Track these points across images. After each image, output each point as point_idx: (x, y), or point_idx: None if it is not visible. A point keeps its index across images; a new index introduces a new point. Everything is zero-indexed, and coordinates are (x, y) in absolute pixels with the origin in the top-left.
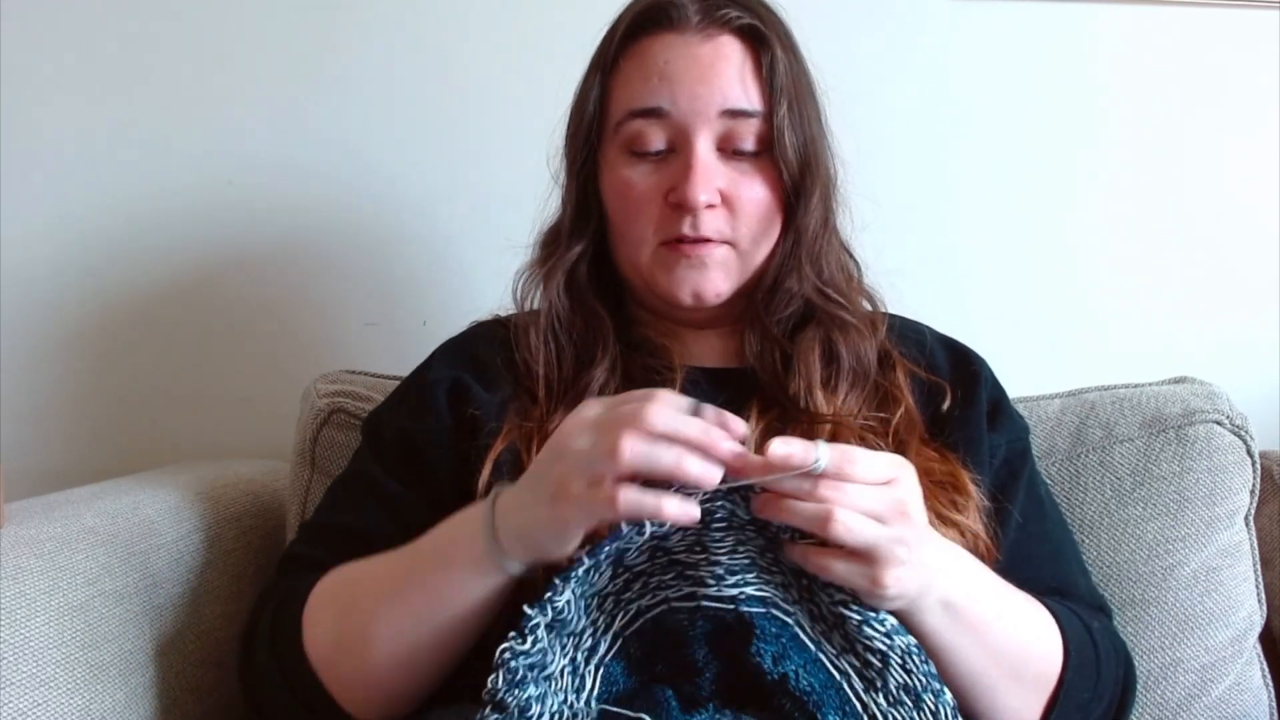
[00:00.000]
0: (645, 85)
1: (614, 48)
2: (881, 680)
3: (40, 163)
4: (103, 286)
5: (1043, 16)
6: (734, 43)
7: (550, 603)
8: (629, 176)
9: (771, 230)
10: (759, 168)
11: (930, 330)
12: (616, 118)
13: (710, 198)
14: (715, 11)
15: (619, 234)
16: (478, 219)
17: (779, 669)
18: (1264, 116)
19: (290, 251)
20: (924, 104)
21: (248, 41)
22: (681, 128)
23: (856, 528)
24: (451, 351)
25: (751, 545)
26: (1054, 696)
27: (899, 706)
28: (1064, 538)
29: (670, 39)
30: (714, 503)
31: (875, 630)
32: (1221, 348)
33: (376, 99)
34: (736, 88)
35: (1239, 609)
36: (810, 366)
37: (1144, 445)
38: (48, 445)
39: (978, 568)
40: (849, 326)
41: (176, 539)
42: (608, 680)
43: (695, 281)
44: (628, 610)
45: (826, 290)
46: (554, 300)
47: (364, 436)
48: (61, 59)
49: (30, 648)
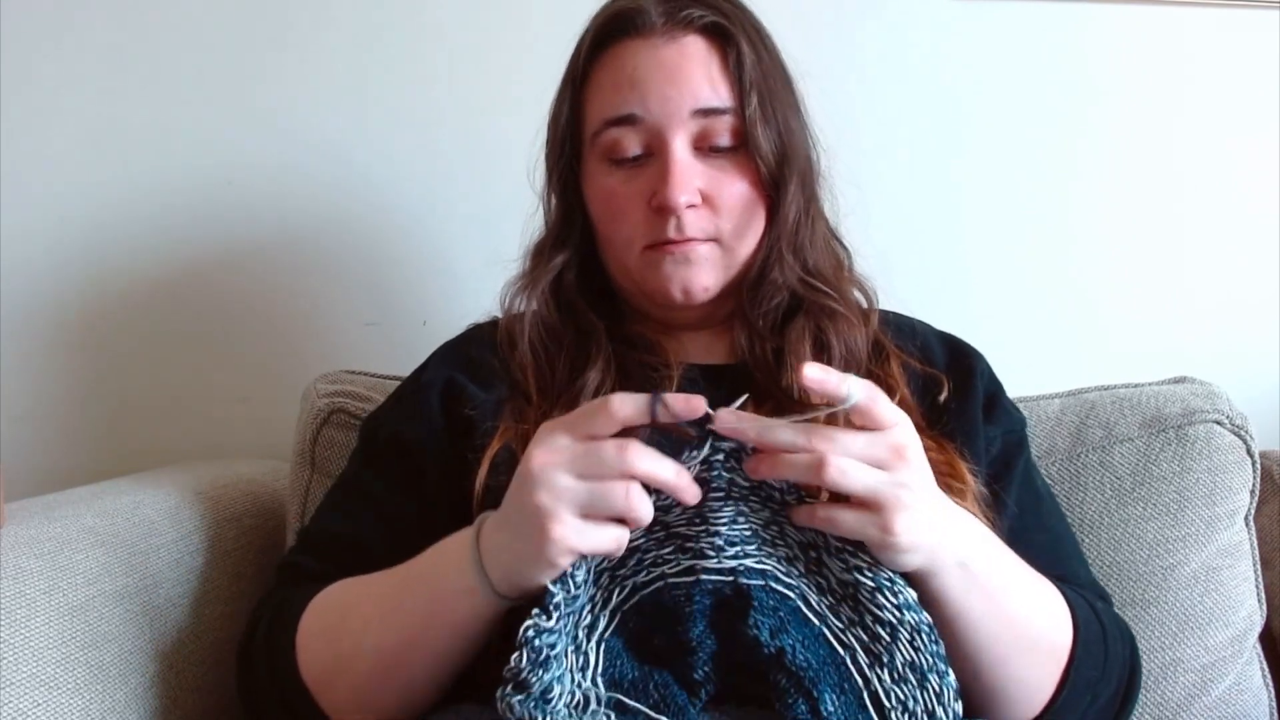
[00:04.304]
0: (616, 94)
1: (583, 59)
2: (888, 655)
3: (40, 163)
4: (103, 287)
5: (1043, 16)
6: (699, 42)
7: (571, 576)
8: (610, 184)
9: (755, 223)
10: (737, 163)
11: (927, 326)
12: (593, 128)
13: (691, 198)
14: (678, 13)
15: (606, 241)
16: (478, 219)
17: (776, 642)
18: (1264, 116)
19: (290, 252)
20: (925, 103)
21: (248, 42)
22: (656, 132)
23: (852, 472)
24: (447, 353)
25: (755, 517)
26: (1064, 672)
27: (903, 684)
28: (1062, 529)
29: (636, 45)
30: (711, 470)
31: (887, 600)
32: (1221, 347)
33: (377, 100)
34: (705, 87)
35: (1239, 609)
36: (801, 358)
37: (1144, 445)
38: (48, 445)
39: (989, 533)
40: (838, 315)
41: (176, 539)
42: (610, 655)
43: (683, 278)
44: (624, 586)
45: (812, 280)
46: (541, 309)
47: (360, 440)
48: (61, 59)
49: (30, 648)
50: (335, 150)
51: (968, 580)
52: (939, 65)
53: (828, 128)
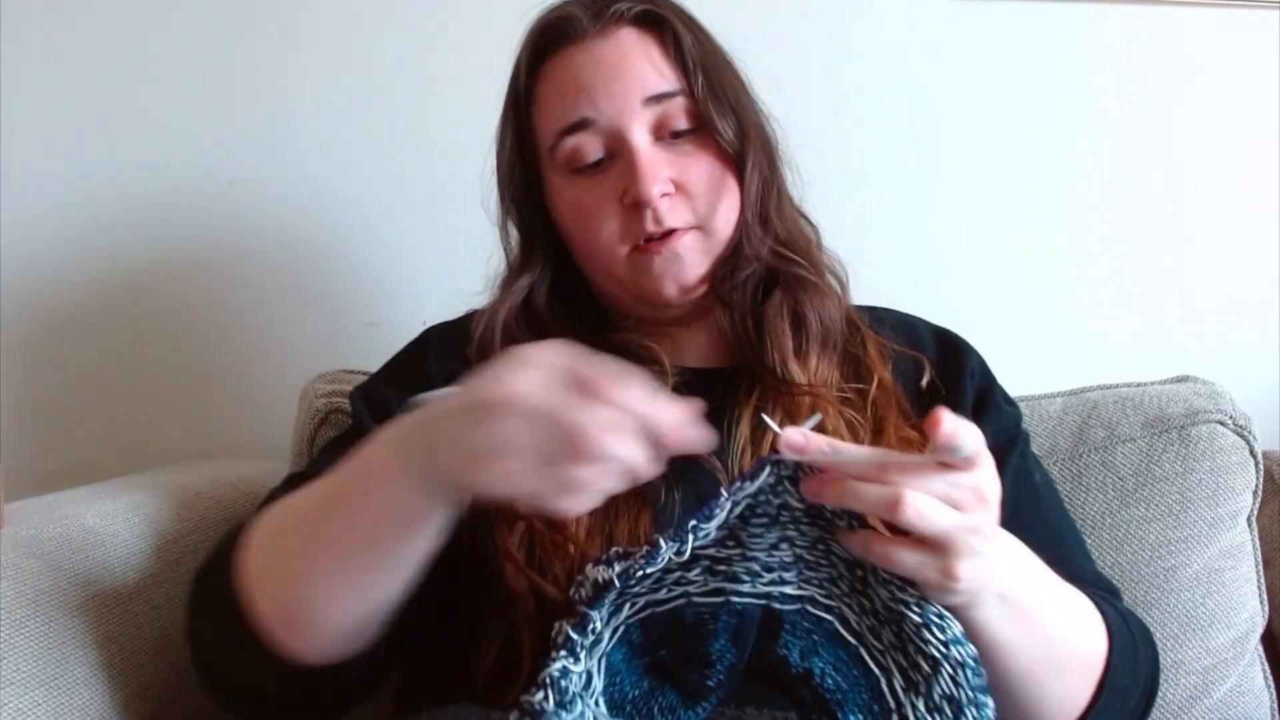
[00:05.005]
0: (564, 103)
1: (523, 78)
2: (926, 686)
3: (40, 163)
4: (103, 287)
5: (1043, 16)
6: (633, 33)
7: (589, 628)
8: (577, 195)
9: (729, 199)
10: (698, 144)
11: (922, 321)
12: (547, 143)
13: (663, 187)
14: (607, 10)
15: (586, 252)
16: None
17: (805, 664)
18: (1264, 116)
19: (290, 251)
20: (925, 104)
21: (248, 42)
22: (612, 130)
23: (929, 514)
24: (445, 343)
25: (801, 541)
26: (1099, 684)
27: (936, 714)
28: (1064, 524)
29: (572, 51)
30: (759, 495)
31: (934, 637)
32: (1223, 347)
33: (377, 100)
34: (650, 74)
35: (1241, 610)
36: (781, 335)
37: (1146, 445)
38: (48, 445)
39: (1027, 552)
40: (810, 286)
41: (176, 539)
42: (610, 673)
43: (675, 274)
44: (635, 603)
45: (783, 250)
46: (513, 332)
47: (362, 403)
48: (61, 59)
49: (30, 648)
50: (335, 150)
51: (1006, 609)
52: (939, 65)
53: (826, 127)
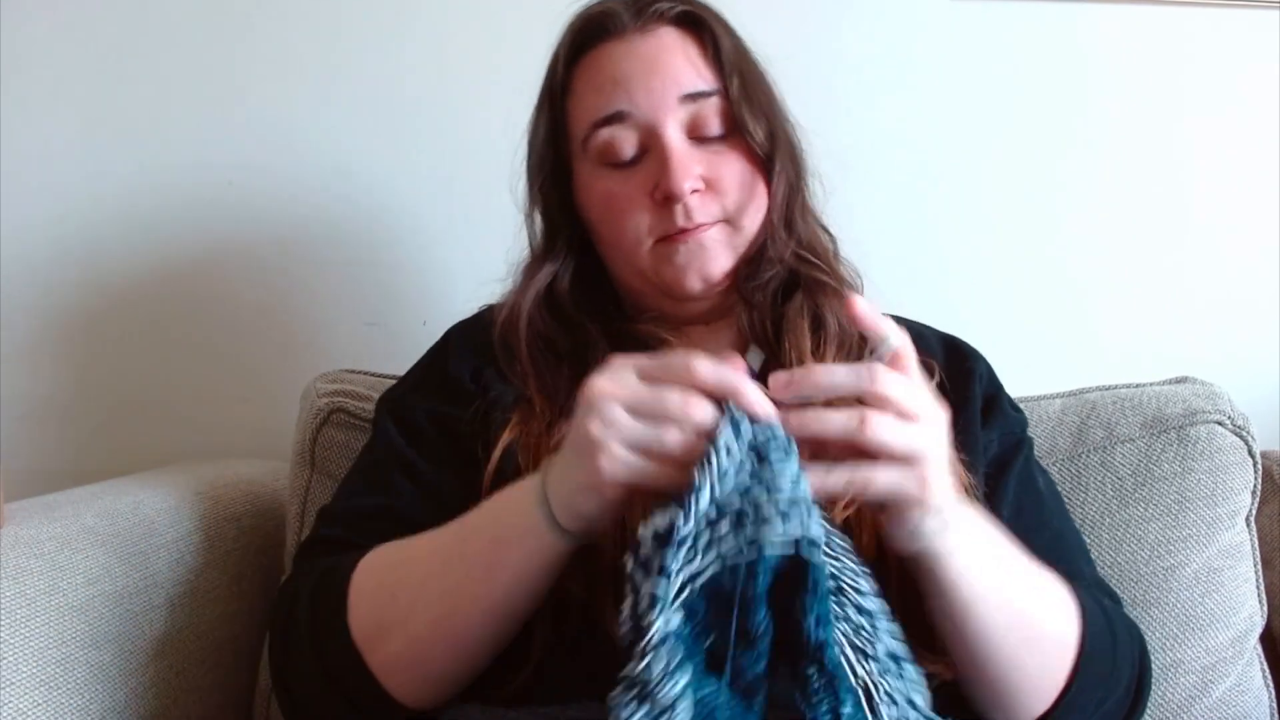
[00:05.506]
0: (600, 95)
1: (561, 70)
2: (871, 646)
3: (40, 163)
4: (103, 287)
5: (1042, 16)
6: (673, 32)
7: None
8: (608, 186)
9: (758, 199)
10: (731, 146)
11: (930, 328)
12: (582, 134)
13: (694, 183)
14: (649, 8)
15: (612, 245)
16: (478, 219)
17: (820, 633)
18: (1264, 116)
19: (290, 251)
20: (925, 103)
21: (249, 42)
22: (647, 125)
23: (895, 427)
24: (466, 340)
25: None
26: (1073, 667)
27: (887, 675)
28: (1065, 527)
29: (612, 46)
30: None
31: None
32: (1222, 347)
33: (377, 99)
34: (689, 72)
35: (1240, 610)
36: (800, 335)
37: (1145, 445)
38: (48, 445)
39: (993, 520)
40: (831, 291)
41: (176, 539)
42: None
43: (699, 265)
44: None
45: (806, 254)
46: (536, 320)
47: (389, 419)
48: (61, 59)
49: (30, 648)
50: (335, 150)
51: (973, 562)
52: (939, 65)
53: (826, 129)
